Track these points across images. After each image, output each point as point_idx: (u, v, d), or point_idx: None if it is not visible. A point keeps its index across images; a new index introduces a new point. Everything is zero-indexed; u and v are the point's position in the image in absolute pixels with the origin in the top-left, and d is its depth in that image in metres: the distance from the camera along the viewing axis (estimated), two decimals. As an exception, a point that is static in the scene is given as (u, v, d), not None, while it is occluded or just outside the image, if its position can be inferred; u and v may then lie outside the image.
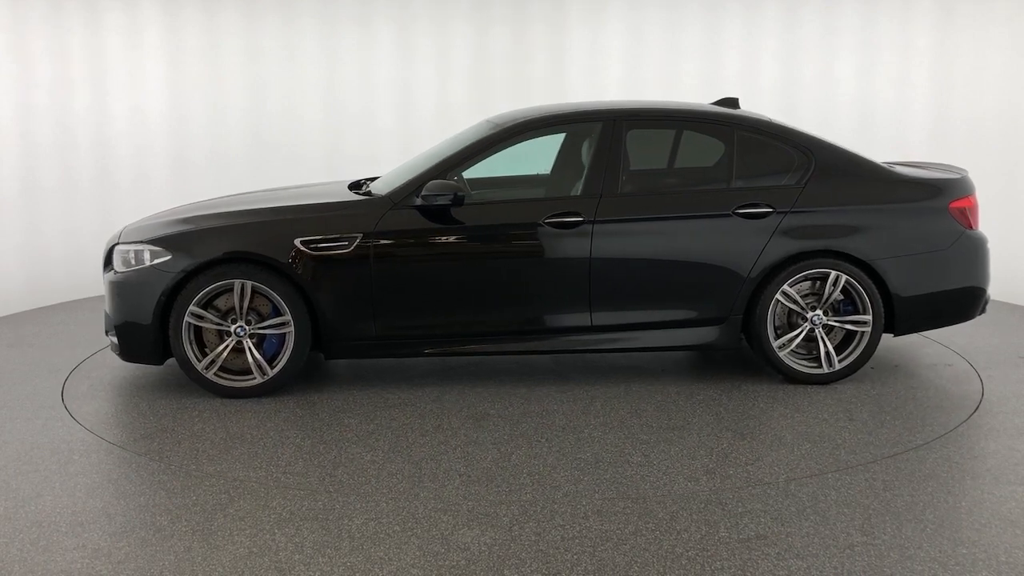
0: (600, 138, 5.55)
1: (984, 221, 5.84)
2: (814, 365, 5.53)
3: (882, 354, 6.02)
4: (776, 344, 5.48)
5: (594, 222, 5.37)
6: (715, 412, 5.15)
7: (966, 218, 5.61)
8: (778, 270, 5.44)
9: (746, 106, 6.47)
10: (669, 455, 4.56)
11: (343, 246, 5.32)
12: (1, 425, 5.05)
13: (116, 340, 5.46)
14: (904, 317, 5.55)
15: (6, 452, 4.68)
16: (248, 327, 5.32)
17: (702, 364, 6.05)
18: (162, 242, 5.36)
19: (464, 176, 5.61)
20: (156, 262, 5.32)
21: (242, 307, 5.30)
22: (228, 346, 5.33)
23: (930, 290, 5.56)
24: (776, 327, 5.52)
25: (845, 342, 5.56)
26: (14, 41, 8.68)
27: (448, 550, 3.64)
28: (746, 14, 9.09)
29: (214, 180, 8.79)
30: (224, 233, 5.36)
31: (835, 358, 5.50)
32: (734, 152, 5.58)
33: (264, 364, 5.35)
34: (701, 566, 3.51)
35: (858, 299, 5.48)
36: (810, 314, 5.48)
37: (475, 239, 5.41)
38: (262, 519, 3.90)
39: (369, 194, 5.64)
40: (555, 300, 5.45)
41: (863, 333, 5.50)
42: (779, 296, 5.45)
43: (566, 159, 6.13)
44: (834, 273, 5.43)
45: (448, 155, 5.56)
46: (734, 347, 5.60)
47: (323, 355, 5.53)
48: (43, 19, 8.71)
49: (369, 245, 5.32)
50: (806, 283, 5.52)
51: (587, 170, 5.56)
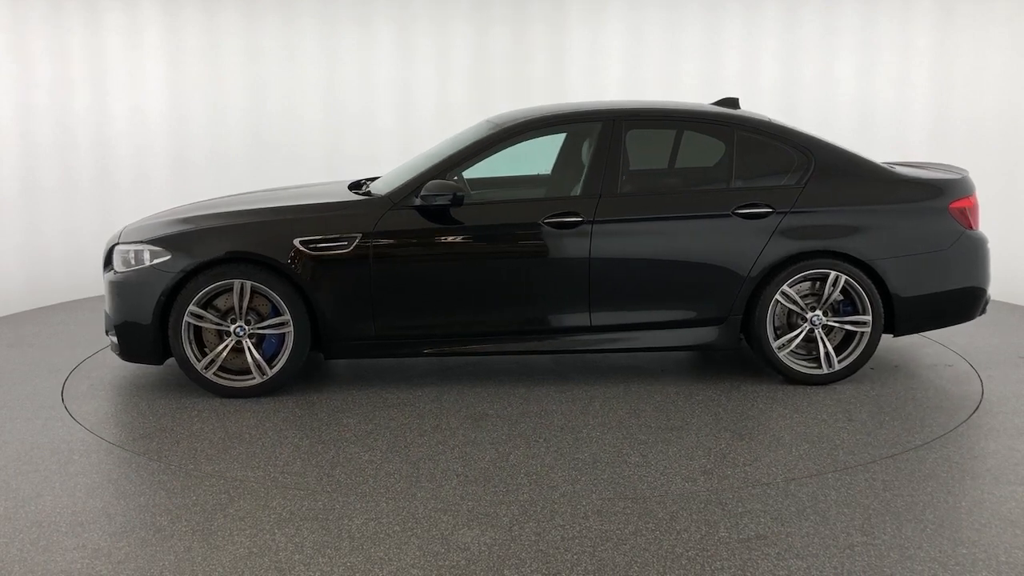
0: (599, 138, 5.55)
1: (984, 221, 5.84)
2: (814, 366, 5.53)
3: (882, 354, 6.02)
4: (776, 344, 5.48)
5: (593, 222, 5.37)
6: (714, 412, 5.15)
7: (966, 218, 5.60)
8: (778, 270, 5.43)
9: (746, 106, 6.46)
10: (667, 455, 4.56)
11: (342, 246, 5.32)
12: (1, 425, 5.05)
13: (116, 340, 5.47)
14: (904, 318, 5.55)
15: (6, 452, 4.68)
16: (247, 327, 5.32)
17: (702, 364, 6.05)
18: (162, 242, 5.36)
19: (464, 176, 5.62)
20: (156, 262, 5.32)
21: (241, 307, 5.30)
22: (227, 346, 5.34)
23: (930, 290, 5.56)
24: (776, 327, 5.52)
25: (845, 343, 5.55)
26: (14, 41, 8.68)
27: (448, 550, 3.64)
28: (746, 14, 9.09)
29: (214, 180, 8.79)
30: (224, 233, 5.37)
31: (835, 359, 5.50)
32: (734, 152, 5.58)
33: (263, 364, 5.35)
34: (701, 566, 3.51)
35: (858, 299, 5.48)
36: (810, 314, 5.47)
37: (474, 239, 5.41)
38: (262, 519, 3.90)
39: (369, 194, 5.64)
40: (554, 300, 5.45)
41: (863, 334, 5.49)
42: (779, 296, 5.45)
43: (567, 159, 6.13)
44: (834, 273, 5.43)
45: (448, 155, 5.56)
46: (733, 347, 5.60)
47: (323, 355, 5.54)
48: (43, 19, 8.71)
49: (368, 245, 5.32)
50: (806, 283, 5.52)
51: (586, 170, 5.55)
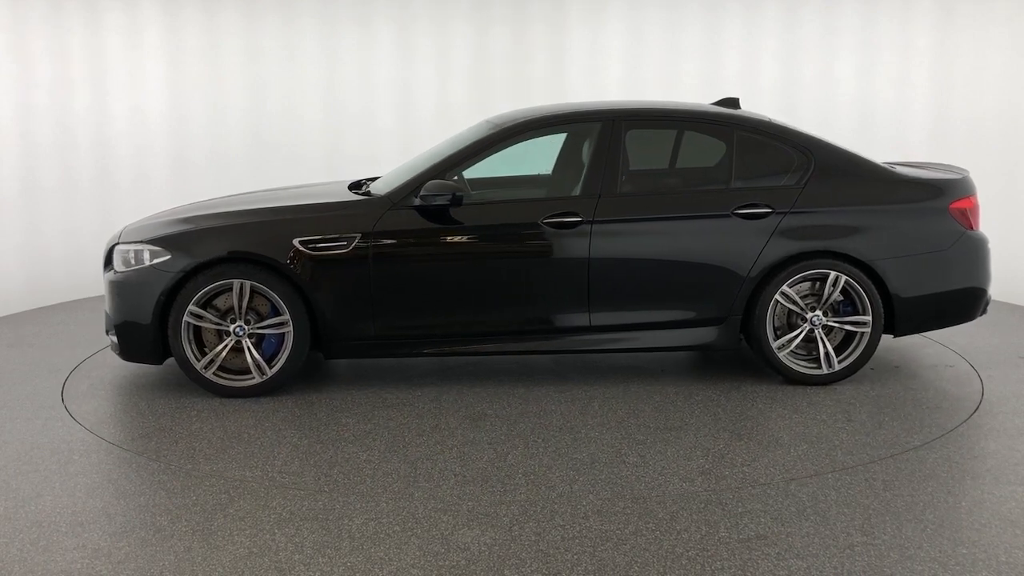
0: (599, 138, 5.54)
1: (984, 221, 5.84)
2: (813, 366, 5.52)
3: (882, 355, 6.02)
4: (775, 345, 5.48)
5: (593, 222, 5.37)
6: (713, 413, 5.15)
7: (967, 219, 5.60)
8: (777, 270, 5.43)
9: (746, 106, 6.46)
10: (666, 456, 4.56)
11: (342, 246, 5.31)
12: (1, 425, 5.05)
13: (116, 340, 5.47)
14: (904, 318, 5.54)
15: (6, 452, 4.68)
16: (247, 327, 5.32)
17: (701, 365, 6.05)
18: (162, 242, 5.36)
19: (464, 176, 5.62)
20: (156, 262, 5.32)
21: (241, 307, 5.30)
22: (227, 346, 5.34)
23: (931, 291, 5.55)
24: (775, 328, 5.52)
25: (845, 343, 5.55)
26: (14, 41, 8.68)
27: (448, 550, 3.64)
28: (746, 14, 9.09)
29: (214, 180, 8.79)
30: (223, 233, 5.37)
31: (835, 359, 5.49)
32: (734, 152, 5.58)
33: (263, 364, 5.35)
34: (701, 566, 3.50)
35: (858, 300, 5.48)
36: (810, 315, 5.47)
37: (474, 239, 5.41)
38: (262, 519, 3.90)
39: (368, 194, 5.64)
40: (554, 300, 5.44)
41: (863, 334, 5.49)
42: (778, 297, 5.45)
43: (567, 159, 6.13)
44: (833, 274, 5.43)
45: (448, 155, 5.56)
46: (733, 348, 5.60)
47: (323, 355, 5.54)
48: (43, 19, 8.71)
49: (368, 245, 5.32)
50: (806, 284, 5.52)
51: (586, 170, 5.55)
